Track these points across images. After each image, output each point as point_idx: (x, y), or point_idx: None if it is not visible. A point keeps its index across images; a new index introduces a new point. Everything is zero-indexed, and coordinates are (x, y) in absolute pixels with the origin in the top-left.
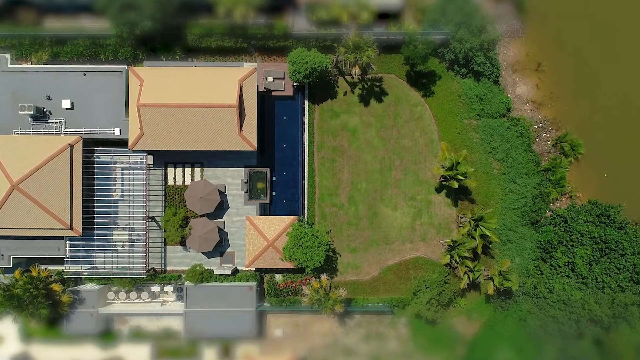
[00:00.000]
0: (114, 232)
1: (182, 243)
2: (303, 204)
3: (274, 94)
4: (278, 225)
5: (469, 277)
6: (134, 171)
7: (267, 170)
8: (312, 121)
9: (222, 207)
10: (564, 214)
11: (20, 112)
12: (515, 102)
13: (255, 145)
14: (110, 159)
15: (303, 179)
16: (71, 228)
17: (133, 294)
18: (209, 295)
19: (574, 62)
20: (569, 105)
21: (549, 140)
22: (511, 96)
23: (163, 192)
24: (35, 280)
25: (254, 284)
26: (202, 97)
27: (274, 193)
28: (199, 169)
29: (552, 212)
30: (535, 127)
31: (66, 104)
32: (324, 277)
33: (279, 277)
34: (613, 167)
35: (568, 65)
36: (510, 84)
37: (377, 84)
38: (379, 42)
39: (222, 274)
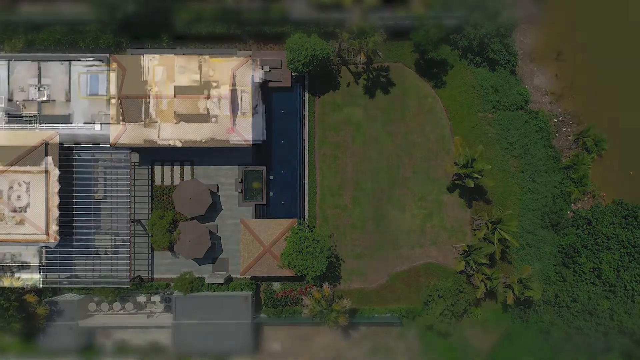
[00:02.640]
0: (96, 237)
1: (171, 249)
2: (303, 206)
3: (270, 85)
4: (276, 228)
5: (486, 285)
6: (117, 170)
7: (264, 168)
8: (313, 115)
9: (214, 209)
10: (588, 215)
11: None
12: (533, 94)
13: (251, 141)
14: (91, 156)
15: (303, 178)
16: (46, 233)
17: (117, 305)
18: (200, 306)
19: (596, 51)
20: (591, 97)
21: (569, 135)
22: (529, 87)
23: (149, 193)
24: (7, 290)
25: (249, 293)
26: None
27: (271, 193)
28: (189, 167)
29: (574, 213)
30: (555, 120)
31: (42, 96)
32: (326, 285)
33: (276, 286)
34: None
35: (590, 54)
36: (527, 74)
37: (384, 73)
38: (386, 27)
39: (215, 283)
